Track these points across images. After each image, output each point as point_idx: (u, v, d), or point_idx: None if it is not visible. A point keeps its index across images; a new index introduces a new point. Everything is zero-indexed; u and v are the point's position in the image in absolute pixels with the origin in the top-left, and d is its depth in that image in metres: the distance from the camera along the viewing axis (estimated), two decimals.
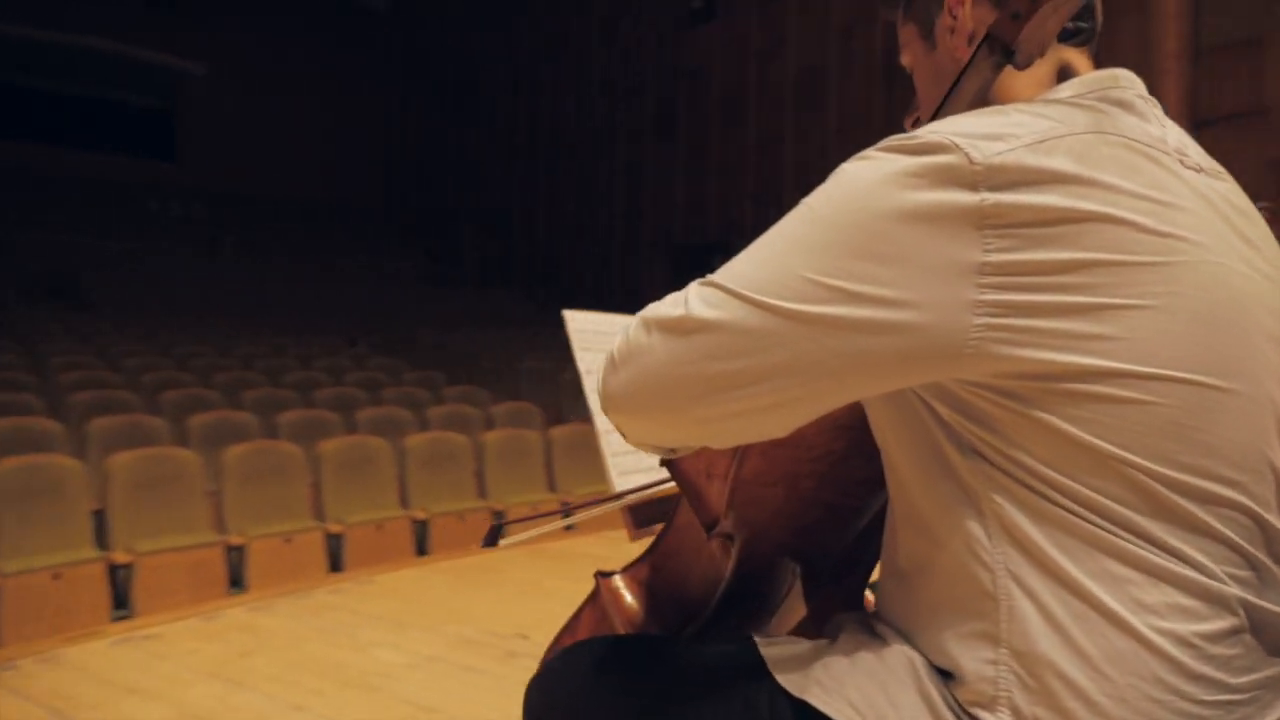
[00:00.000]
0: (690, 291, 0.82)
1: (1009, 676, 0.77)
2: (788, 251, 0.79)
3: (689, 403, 0.81)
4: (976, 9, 0.93)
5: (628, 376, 0.83)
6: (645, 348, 0.82)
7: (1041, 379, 0.73)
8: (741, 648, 0.99)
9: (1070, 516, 0.75)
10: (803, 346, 0.76)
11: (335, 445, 5.51)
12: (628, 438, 0.92)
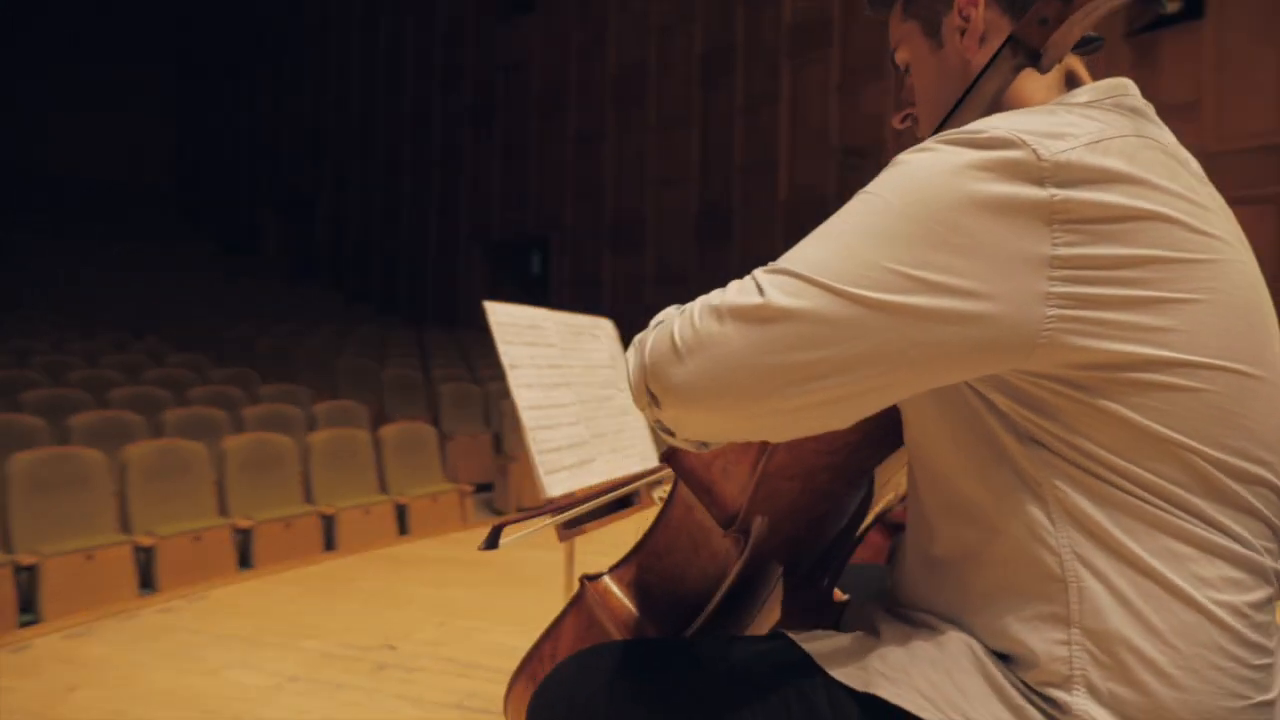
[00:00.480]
0: (761, 280, 0.80)
1: (1083, 655, 0.79)
2: (865, 241, 0.78)
3: (766, 394, 0.79)
4: (989, 11, 0.96)
5: (699, 367, 0.79)
6: (719, 337, 0.78)
7: (1107, 369, 0.77)
8: (776, 645, 0.98)
9: (1131, 499, 0.79)
10: (884, 337, 0.76)
11: (141, 450, 5.01)
12: (679, 433, 0.88)
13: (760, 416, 0.81)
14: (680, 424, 0.86)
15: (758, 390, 0.79)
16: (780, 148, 11.35)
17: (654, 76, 12.73)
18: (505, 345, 1.79)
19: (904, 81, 1.10)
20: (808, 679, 0.91)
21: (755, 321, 0.78)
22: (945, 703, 0.83)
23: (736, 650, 1.01)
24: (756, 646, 1.01)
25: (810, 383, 0.78)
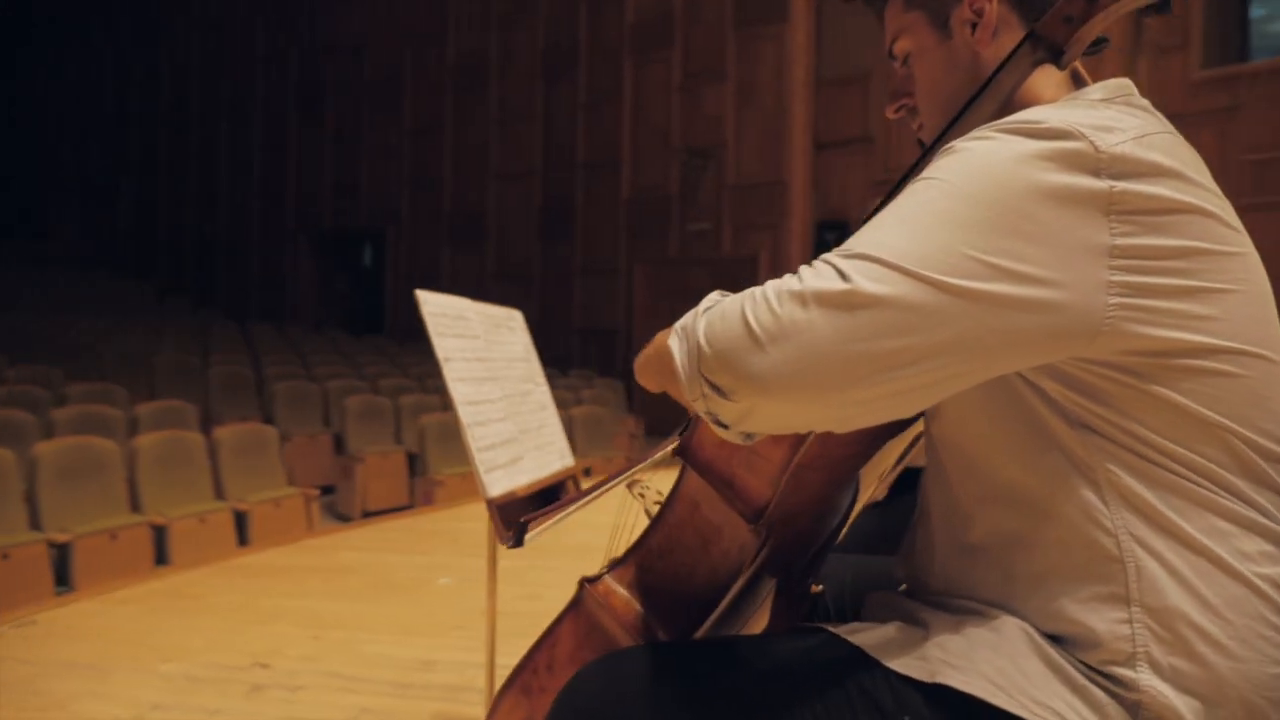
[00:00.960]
0: (842, 265, 0.77)
1: (1144, 632, 0.82)
2: (942, 227, 0.78)
3: (852, 383, 0.77)
4: (1000, 7, 0.97)
5: (784, 356, 0.76)
6: (805, 324, 0.76)
7: (1160, 355, 0.80)
8: (817, 641, 0.96)
9: (1180, 480, 0.82)
10: (965, 324, 0.76)
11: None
12: (743, 424, 0.84)
13: (842, 406, 0.79)
14: (751, 415, 0.82)
15: (844, 379, 0.77)
16: (623, 146, 11.42)
17: (495, 68, 12.51)
18: (438, 338, 1.67)
19: (900, 72, 1.10)
20: (865, 673, 0.89)
21: (843, 308, 0.76)
22: (1013, 688, 0.83)
23: (777, 648, 0.98)
24: (796, 644, 0.98)
25: (895, 371, 0.77)
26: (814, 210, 10.31)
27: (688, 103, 10.95)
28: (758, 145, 10.35)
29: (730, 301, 0.83)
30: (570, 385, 9.31)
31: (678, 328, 0.87)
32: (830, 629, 0.97)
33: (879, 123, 10.09)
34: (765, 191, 10.30)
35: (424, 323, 1.66)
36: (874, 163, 10.12)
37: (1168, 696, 0.80)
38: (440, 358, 1.66)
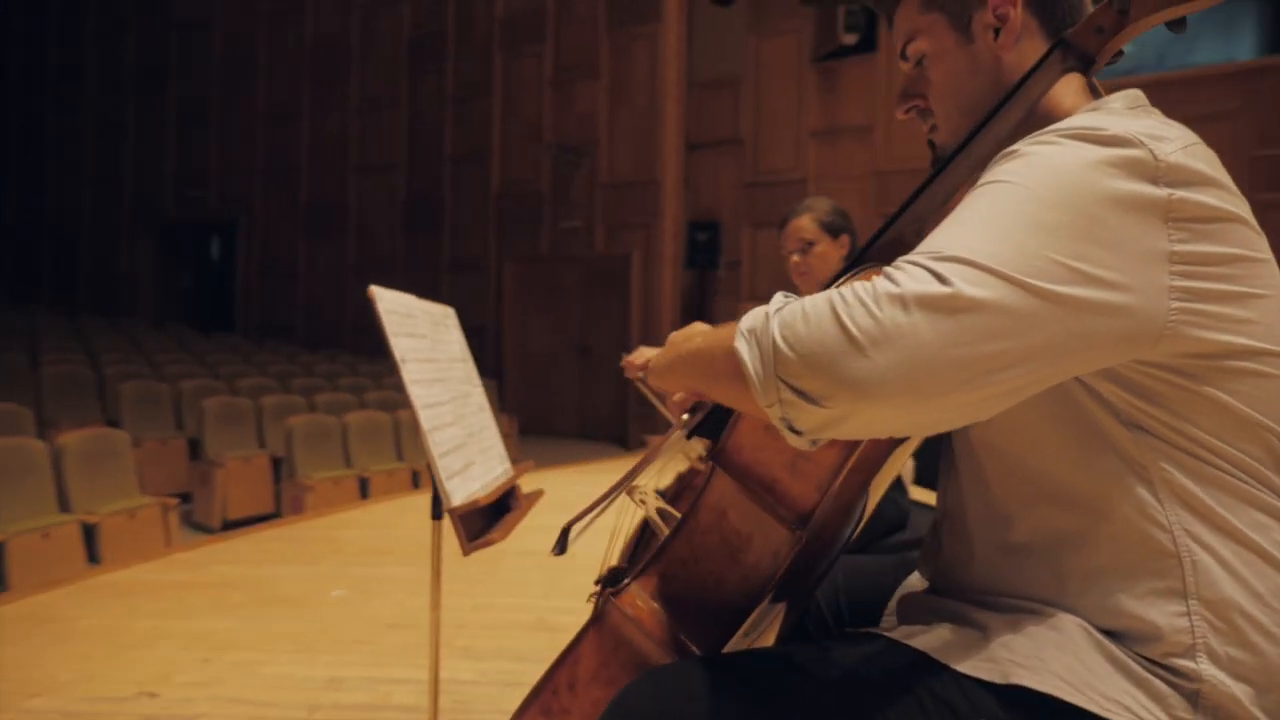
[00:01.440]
0: (938, 268, 0.77)
1: (1202, 624, 0.84)
2: (1024, 230, 0.78)
3: (954, 388, 0.77)
4: (1024, 12, 0.98)
5: (890, 361, 0.75)
6: (909, 328, 0.75)
7: (1211, 358, 0.83)
8: (874, 646, 0.96)
9: (1227, 477, 0.86)
10: (1053, 328, 0.77)
11: None
12: (843, 429, 0.81)
13: (943, 410, 0.79)
14: (845, 421, 0.79)
15: (948, 383, 0.76)
16: (493, 141, 11.21)
17: (357, 54, 12.03)
18: (394, 337, 1.55)
19: (912, 73, 1.10)
20: (933, 678, 0.89)
21: (945, 312, 0.75)
22: (1083, 684, 0.84)
23: (837, 657, 0.96)
24: (854, 651, 0.97)
25: (993, 375, 0.77)
26: (686, 210, 10.42)
27: (560, 99, 10.85)
28: (630, 144, 10.37)
29: (811, 304, 0.80)
30: None
31: (744, 330, 0.84)
32: (886, 634, 0.96)
33: (749, 125, 10.31)
34: (638, 190, 10.33)
35: (379, 320, 1.54)
36: (744, 164, 10.32)
37: (1227, 685, 0.83)
38: (397, 358, 1.54)
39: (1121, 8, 0.94)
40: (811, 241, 2.51)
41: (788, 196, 10.10)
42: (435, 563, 1.88)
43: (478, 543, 1.55)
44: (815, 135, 9.93)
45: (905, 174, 9.39)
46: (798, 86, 10.05)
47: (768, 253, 10.21)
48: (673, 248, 10.24)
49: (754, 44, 10.23)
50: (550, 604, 3.44)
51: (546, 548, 1.51)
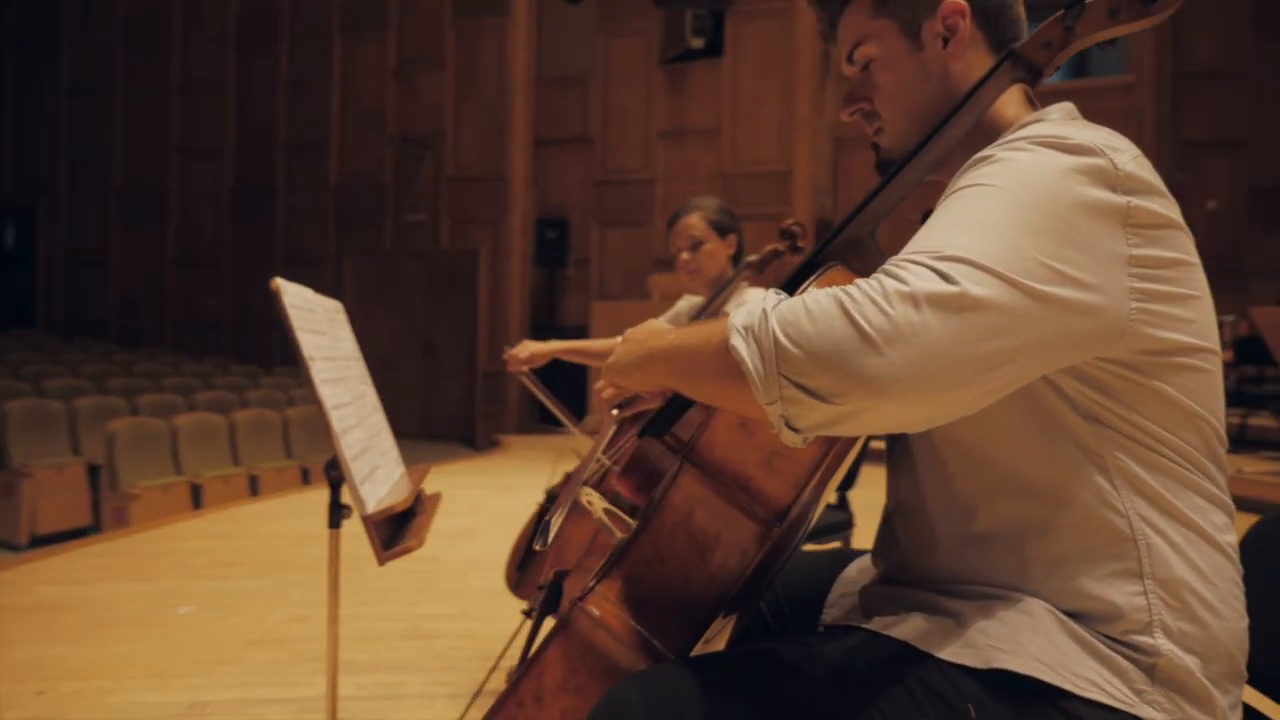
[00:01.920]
0: (942, 268, 0.80)
1: (1157, 602, 0.90)
2: (1014, 232, 0.82)
3: (959, 384, 0.79)
4: (972, 25, 1.03)
5: (904, 358, 0.77)
6: (920, 326, 0.77)
7: (1160, 354, 0.89)
8: (854, 639, 0.97)
9: (1171, 464, 0.92)
10: (1042, 327, 0.81)
11: None
12: (855, 425, 0.82)
13: (944, 405, 0.81)
14: (855, 418, 0.80)
15: (955, 380, 0.79)
16: (331, 129, 10.72)
17: (178, 30, 11.21)
18: (301, 334, 1.43)
19: (858, 77, 1.12)
20: (918, 666, 0.91)
21: (953, 310, 0.77)
22: (1057, 664, 0.88)
23: (821, 652, 0.97)
24: (836, 645, 0.98)
25: (991, 371, 0.80)
26: (534, 207, 10.33)
27: (404, 89, 10.51)
28: (477, 138, 10.18)
29: (813, 302, 0.81)
30: (280, 385, 8.58)
31: (739, 327, 0.84)
32: (864, 627, 0.98)
33: (598, 124, 10.33)
34: (486, 185, 10.15)
35: (285, 315, 1.42)
36: (592, 162, 10.34)
37: (1181, 657, 0.89)
38: (305, 356, 1.42)
39: (1068, 25, 0.99)
40: (701, 240, 2.52)
41: (637, 196, 10.20)
42: (333, 574, 1.76)
43: (394, 551, 1.46)
44: (664, 136, 10.07)
45: (751, 177, 9.68)
46: (646, 87, 10.16)
47: (617, 251, 10.27)
48: (521, 244, 10.12)
49: (603, 42, 10.27)
50: (420, 610, 3.32)
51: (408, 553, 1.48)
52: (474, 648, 2.91)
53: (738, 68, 9.77)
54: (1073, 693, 0.87)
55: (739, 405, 0.90)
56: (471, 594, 3.53)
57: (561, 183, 10.40)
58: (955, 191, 0.90)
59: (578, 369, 2.72)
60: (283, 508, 5.55)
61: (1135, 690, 0.88)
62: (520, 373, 2.78)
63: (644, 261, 10.05)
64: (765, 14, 9.66)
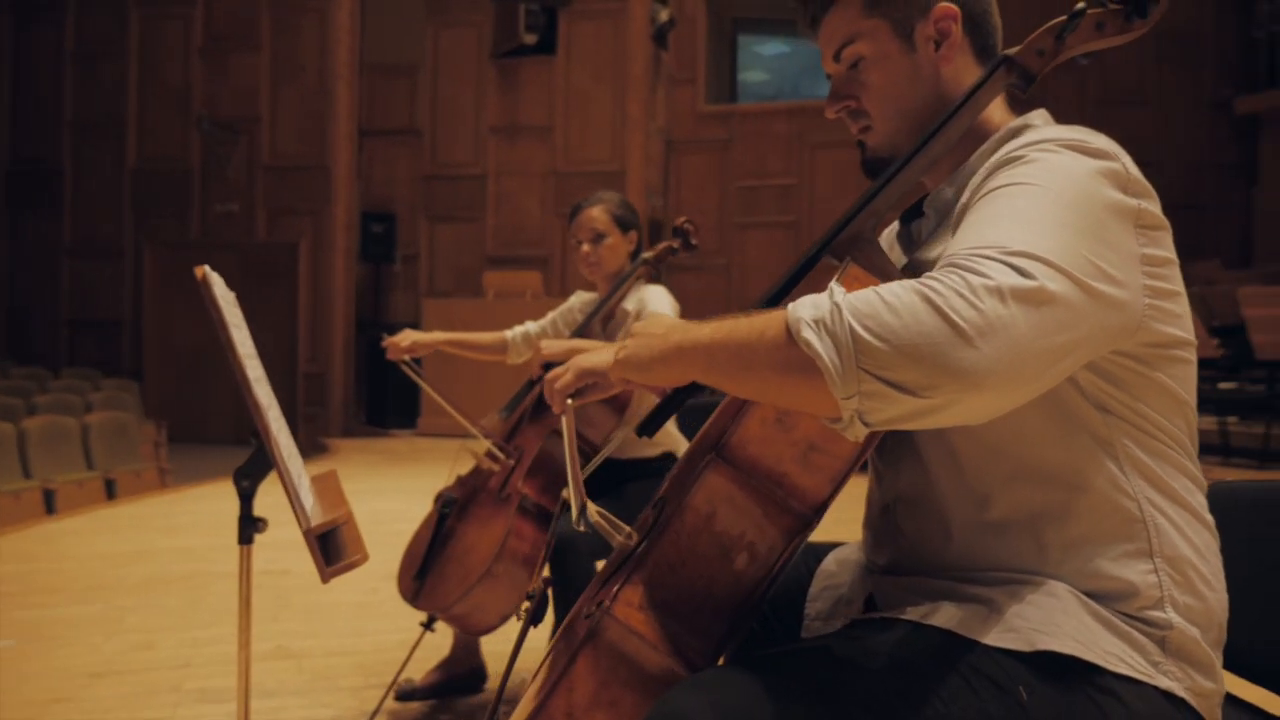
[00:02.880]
0: (1019, 263, 0.82)
1: (1166, 579, 0.96)
2: (1063, 230, 0.86)
3: (1038, 375, 0.83)
4: (961, 30, 1.08)
5: (996, 351, 0.78)
6: (1009, 320, 0.79)
7: (1161, 347, 0.97)
8: (900, 631, 0.98)
9: (1167, 449, 0.99)
10: (1091, 321, 0.85)
11: None
12: (941, 418, 0.83)
13: (1017, 397, 0.84)
14: (945, 410, 0.81)
15: (1034, 372, 0.81)
16: (128, 108, 9.81)
17: None
18: (234, 330, 1.28)
19: (845, 75, 1.14)
20: (968, 654, 0.93)
21: (1035, 304, 0.80)
22: (1090, 643, 0.93)
23: (872, 646, 0.97)
24: (885, 638, 0.98)
25: (1057, 364, 0.83)
26: (359, 199, 9.88)
27: (213, 69, 9.77)
28: (297, 125, 9.62)
29: (893, 296, 0.81)
30: (72, 388, 7.76)
31: (808, 320, 0.83)
32: (910, 618, 0.98)
33: (426, 116, 10.02)
34: (306, 175, 9.61)
35: (217, 310, 1.26)
36: (421, 156, 10.02)
37: (1187, 628, 0.95)
38: (241, 355, 1.27)
39: (1061, 35, 1.03)
40: (603, 233, 2.48)
41: (468, 191, 9.97)
42: (244, 594, 1.59)
43: (338, 567, 1.33)
44: (495, 131, 9.90)
45: (584, 176, 9.67)
46: (478, 81, 9.95)
47: (447, 247, 10.00)
48: (345, 239, 9.65)
49: (433, 33, 9.97)
50: (282, 628, 3.08)
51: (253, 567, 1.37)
52: (352, 665, 2.73)
53: (571, 67, 9.74)
54: (1105, 668, 0.91)
55: (799, 400, 0.88)
56: (336, 608, 3.32)
57: (388, 175, 10.01)
58: (997, 189, 0.93)
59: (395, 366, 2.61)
60: (90, 525, 5.01)
61: (1152, 662, 0.93)
62: (401, 361, 2.64)
63: (476, 258, 9.84)
64: (598, 14, 9.69)
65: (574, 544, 2.12)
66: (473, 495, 2.34)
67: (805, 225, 10.20)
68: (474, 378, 5.78)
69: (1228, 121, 9.28)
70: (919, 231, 1.18)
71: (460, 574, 2.17)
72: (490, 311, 8.27)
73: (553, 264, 9.73)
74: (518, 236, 9.82)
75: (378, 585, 3.46)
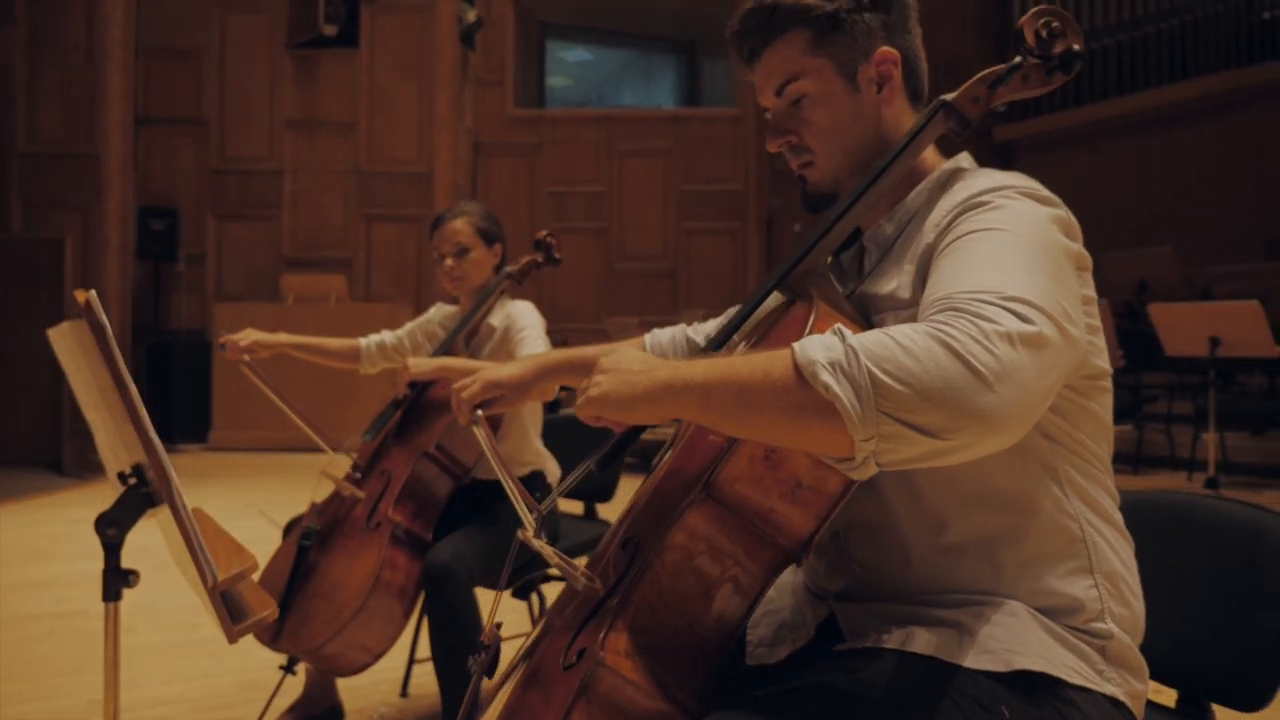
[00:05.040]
0: (1014, 308, 0.87)
1: (1105, 593, 1.06)
2: (1039, 275, 0.93)
3: (1037, 414, 0.88)
4: (898, 72, 1.15)
5: (1011, 394, 0.83)
6: (1020, 364, 0.84)
7: (1092, 378, 1.07)
8: (893, 660, 1.02)
9: (1096, 471, 1.09)
10: (1063, 360, 0.92)
11: None
12: (956, 458, 0.88)
13: (1018, 435, 0.87)
14: (960, 451, 0.85)
15: (1035, 412, 0.87)
16: None
17: None
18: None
19: (784, 109, 1.19)
20: (952, 679, 0.98)
21: (1036, 348, 0.85)
22: (1052, 658, 1.01)
23: (868, 676, 1.00)
24: (872, 667, 1.02)
25: (1046, 402, 0.89)
26: (136, 193, 9.01)
27: None
28: (61, 109, 8.62)
29: (909, 340, 0.84)
30: None
31: (824, 363, 0.85)
32: (885, 646, 1.02)
33: (213, 105, 9.31)
34: (72, 164, 8.63)
35: (106, 337, 1.10)
36: (208, 148, 9.30)
37: (1123, 636, 1.05)
38: (133, 393, 1.12)
39: (993, 85, 1.10)
40: (467, 247, 2.40)
41: (261, 187, 9.35)
42: (111, 657, 1.41)
43: (245, 625, 1.20)
44: (292, 125, 9.34)
45: (389, 176, 9.33)
46: (272, 71, 9.35)
47: (238, 247, 9.34)
48: (120, 235, 8.76)
49: (219, 16, 9.26)
50: (95, 679, 2.74)
51: (41, 610, 1.23)
52: (186, 715, 2.48)
53: (375, 62, 9.36)
54: (1065, 681, 0.98)
55: (809, 441, 0.89)
56: (155, 651, 3.00)
57: (170, 168, 9.20)
58: (971, 233, 0.98)
59: (183, 372, 2.43)
60: None
61: (1097, 670, 1.02)
62: (241, 362, 2.43)
63: (271, 259, 9.24)
64: (403, 9, 9.36)
65: (452, 572, 2.04)
66: (335, 524, 2.19)
67: (615, 232, 10.34)
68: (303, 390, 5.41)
69: (989, 148, 10.26)
70: (850, 264, 1.22)
71: (330, 611, 2.02)
72: (290, 316, 7.79)
73: (356, 266, 9.31)
74: (318, 237, 9.32)
75: (196, 621, 3.18)
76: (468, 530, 2.19)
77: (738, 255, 10.41)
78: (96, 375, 1.28)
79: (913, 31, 1.19)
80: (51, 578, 3.84)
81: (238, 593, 1.31)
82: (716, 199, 10.36)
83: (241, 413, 7.41)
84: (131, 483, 1.34)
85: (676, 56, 12.71)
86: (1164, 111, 9.12)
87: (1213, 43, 8.91)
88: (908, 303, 1.06)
